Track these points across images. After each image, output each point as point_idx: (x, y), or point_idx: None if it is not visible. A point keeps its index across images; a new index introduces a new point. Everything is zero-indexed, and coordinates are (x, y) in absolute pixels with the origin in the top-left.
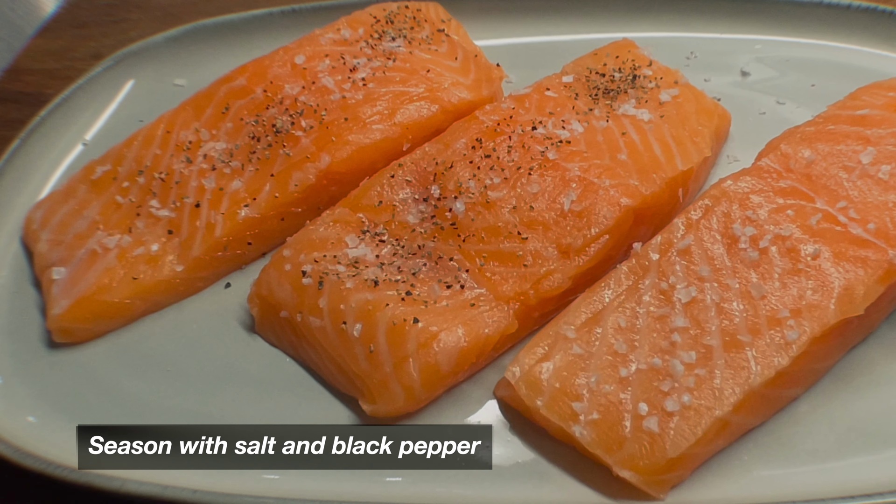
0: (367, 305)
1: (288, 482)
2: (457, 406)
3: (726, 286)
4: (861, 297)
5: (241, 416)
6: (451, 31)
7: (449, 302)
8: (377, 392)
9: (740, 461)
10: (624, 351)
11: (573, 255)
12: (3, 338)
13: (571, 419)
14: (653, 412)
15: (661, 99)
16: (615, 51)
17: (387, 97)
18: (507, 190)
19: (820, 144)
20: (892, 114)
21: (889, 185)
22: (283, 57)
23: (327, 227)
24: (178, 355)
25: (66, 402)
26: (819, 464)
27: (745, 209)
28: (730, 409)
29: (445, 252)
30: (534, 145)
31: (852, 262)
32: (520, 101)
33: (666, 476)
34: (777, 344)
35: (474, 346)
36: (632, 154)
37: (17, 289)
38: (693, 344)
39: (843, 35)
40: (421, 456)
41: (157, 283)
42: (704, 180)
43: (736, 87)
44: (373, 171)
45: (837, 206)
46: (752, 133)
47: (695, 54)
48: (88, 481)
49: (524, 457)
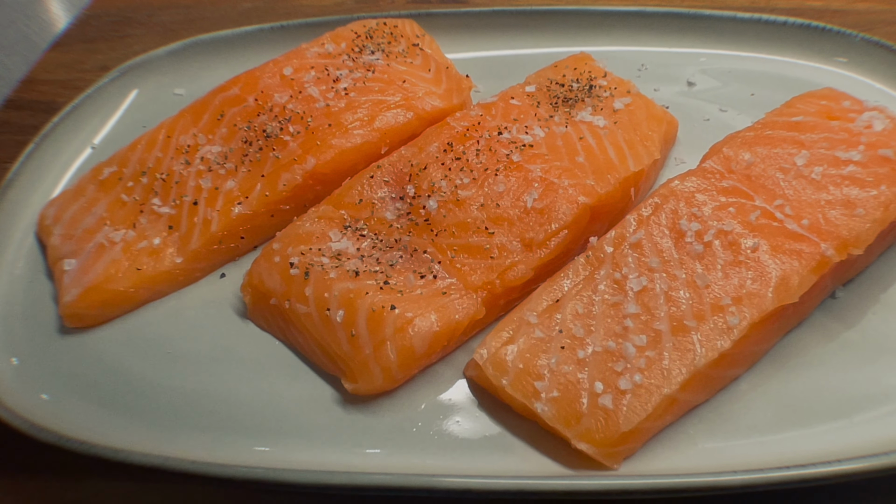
0: (349, 294)
1: (277, 454)
2: (430, 385)
3: (674, 276)
4: (796, 287)
5: (235, 394)
6: (425, 45)
7: (423, 291)
8: (358, 372)
9: (686, 435)
10: (581, 335)
11: (535, 248)
12: (19, 323)
13: (534, 397)
14: (607, 390)
15: (614, 107)
16: (573, 63)
17: (366, 105)
18: (475, 189)
19: (759, 148)
20: (824, 120)
21: (821, 185)
22: (273, 69)
23: (313, 223)
24: (177, 339)
25: (76, 381)
26: (758, 437)
27: (691, 206)
28: (677, 387)
29: (420, 245)
30: (500, 149)
31: (788, 254)
32: (487, 108)
33: (619, 448)
34: (720, 328)
35: (446, 330)
36: (588, 157)
37: (32, 279)
38: (644, 329)
39: (780, 49)
40: (397, 430)
41: (159, 273)
42: (654, 180)
43: (682, 96)
44: (354, 172)
45: (774, 204)
46: (698, 138)
47: (645, 66)
48: (96, 453)
49: (491, 431)
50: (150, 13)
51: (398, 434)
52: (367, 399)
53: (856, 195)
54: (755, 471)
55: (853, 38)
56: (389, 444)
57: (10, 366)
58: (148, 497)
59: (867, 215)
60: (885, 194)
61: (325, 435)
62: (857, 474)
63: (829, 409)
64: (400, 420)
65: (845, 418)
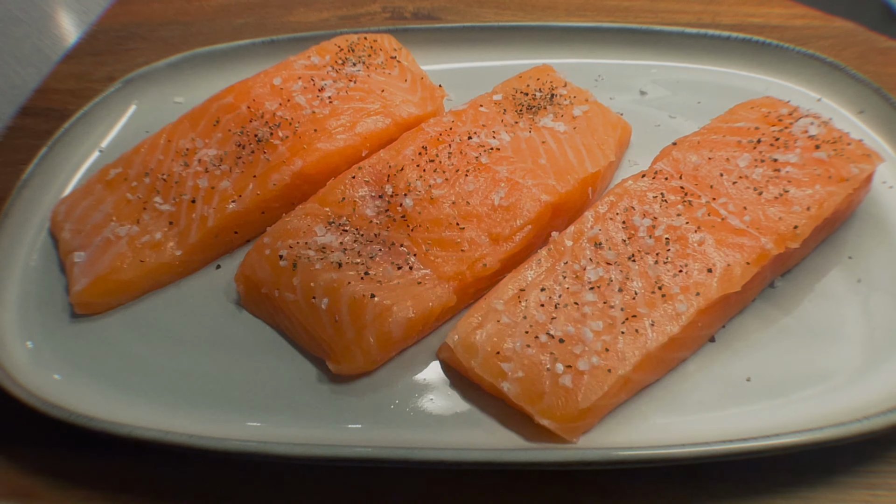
0: (333, 283)
1: (267, 429)
2: (406, 366)
3: (627, 267)
4: (738, 277)
5: (229, 375)
6: (402, 58)
7: (400, 281)
8: (341, 354)
9: (639, 411)
10: (543, 321)
11: (502, 242)
12: (33, 310)
13: (500, 377)
14: (567, 371)
15: (574, 114)
16: (536, 74)
17: (348, 112)
18: (447, 188)
19: (704, 151)
20: (764, 126)
21: (761, 185)
22: (264, 79)
23: (300, 219)
24: (177, 324)
25: (85, 363)
26: (704, 413)
27: (643, 204)
28: (630, 368)
29: (397, 240)
30: (469, 152)
31: (731, 247)
32: (458, 115)
33: (578, 424)
34: (669, 315)
35: (420, 317)
36: (550, 159)
37: (46, 270)
38: (600, 315)
39: (724, 61)
40: (377, 407)
41: (161, 264)
42: (610, 180)
43: (636, 104)
44: (337, 172)
45: (719, 202)
46: (649, 142)
47: (602, 77)
48: (104, 428)
49: (461, 407)
50: (152, 29)
51: (377, 410)
52: (349, 379)
53: (793, 194)
54: (702, 444)
55: (790, 52)
56: (369, 419)
57: (25, 349)
58: (149, 468)
59: (803, 212)
60: (819, 193)
61: (311, 411)
62: (793, 447)
63: (769, 388)
64: (379, 398)
65: (783, 397)
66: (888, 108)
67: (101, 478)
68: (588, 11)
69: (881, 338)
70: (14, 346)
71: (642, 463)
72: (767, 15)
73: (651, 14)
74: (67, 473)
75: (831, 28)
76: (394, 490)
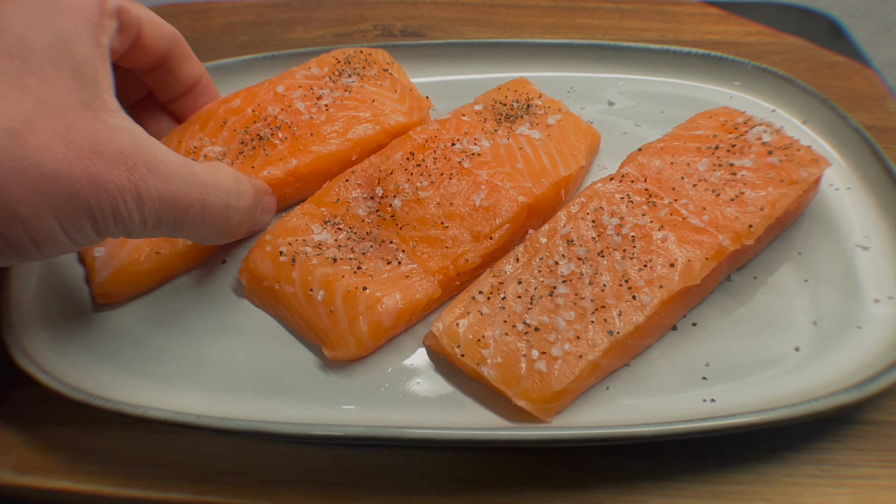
0: (328, 277)
1: (268, 409)
2: (395, 352)
3: (597, 262)
4: (698, 271)
5: (234, 360)
6: (394, 71)
7: (389, 274)
8: (336, 342)
9: (608, 393)
10: (520, 311)
11: (482, 240)
12: (56, 301)
13: (481, 362)
14: (542, 357)
15: (548, 122)
16: (514, 86)
17: (342, 119)
18: (433, 191)
19: (667, 156)
20: (722, 133)
21: (718, 187)
22: (269, 86)
23: (298, 219)
24: (186, 315)
25: (102, 350)
26: (666, 395)
27: (612, 205)
28: (599, 354)
29: (387, 237)
30: (453, 157)
31: (691, 244)
32: (442, 124)
33: (552, 405)
34: (635, 306)
35: (408, 307)
36: (526, 164)
37: (66, 265)
38: (572, 306)
39: (685, 74)
40: (369, 390)
41: (174, 255)
42: (581, 183)
43: (604, 114)
44: (328, 174)
45: (680, 203)
46: (617, 148)
47: (574, 89)
48: (119, 409)
49: (445, 390)
50: None
51: (369, 393)
52: (343, 364)
53: (747, 195)
54: (664, 423)
55: (745, 66)
56: (362, 401)
57: (48, 337)
58: (160, 445)
59: (757, 212)
60: (771, 195)
61: (308, 393)
62: (747, 426)
63: (725, 372)
64: (370, 381)
65: (739, 380)
66: (834, 118)
67: (118, 454)
68: (561, 29)
69: (827, 326)
70: (37, 334)
71: (610, 440)
72: (725, 32)
73: (618, 31)
74: (86, 451)
75: (783, 44)
76: (383, 464)
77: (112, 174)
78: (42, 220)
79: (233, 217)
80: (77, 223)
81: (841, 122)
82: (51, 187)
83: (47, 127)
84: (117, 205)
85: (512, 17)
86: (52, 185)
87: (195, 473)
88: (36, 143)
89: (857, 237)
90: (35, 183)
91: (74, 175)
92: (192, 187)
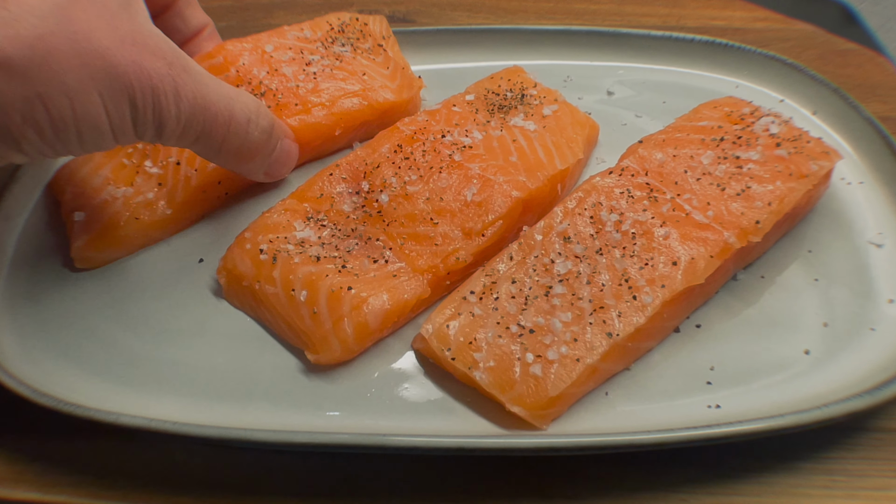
0: (311, 276)
1: (248, 416)
2: (382, 356)
3: (595, 261)
4: (702, 270)
5: (212, 364)
6: (388, 46)
7: (376, 274)
8: (319, 345)
9: (606, 399)
10: (514, 312)
11: (474, 237)
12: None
13: (473, 366)
14: (537, 360)
15: (543, 113)
16: (507, 75)
17: (329, 90)
18: (421, 185)
19: (669, 149)
20: (727, 124)
21: (723, 181)
22: (256, 44)
23: (280, 215)
24: (161, 316)
25: (73, 353)
26: (668, 401)
27: (611, 200)
28: (598, 358)
29: (373, 234)
30: (443, 150)
31: (695, 241)
32: (432, 114)
33: (547, 411)
34: (635, 306)
35: (396, 308)
36: (520, 156)
37: (34, 264)
38: (569, 307)
39: (688, 62)
40: (354, 396)
41: (153, 221)
42: (578, 177)
43: (603, 104)
44: (309, 146)
45: (683, 198)
46: (616, 140)
47: (570, 78)
48: (90, 415)
49: (435, 396)
50: None
51: (354, 399)
52: (327, 368)
53: (754, 190)
54: (666, 431)
55: (752, 53)
56: (347, 407)
57: (16, 340)
58: (133, 453)
59: (764, 207)
60: (780, 189)
61: (290, 399)
62: (754, 434)
63: (731, 376)
64: (356, 386)
65: (745, 385)
66: (846, 108)
67: (89, 463)
68: (557, 14)
69: (839, 328)
70: (3, 337)
71: (608, 449)
72: (730, 18)
73: (618, 17)
74: (55, 460)
75: (792, 30)
76: (369, 474)
77: (155, 64)
78: (87, 94)
79: (252, 133)
80: (119, 106)
81: (853, 112)
82: (99, 63)
83: (93, 10)
84: (158, 94)
85: (505, 2)
86: (101, 62)
87: (170, 484)
88: (85, 20)
89: (870, 234)
90: (84, 56)
91: (121, 56)
92: (221, 97)
